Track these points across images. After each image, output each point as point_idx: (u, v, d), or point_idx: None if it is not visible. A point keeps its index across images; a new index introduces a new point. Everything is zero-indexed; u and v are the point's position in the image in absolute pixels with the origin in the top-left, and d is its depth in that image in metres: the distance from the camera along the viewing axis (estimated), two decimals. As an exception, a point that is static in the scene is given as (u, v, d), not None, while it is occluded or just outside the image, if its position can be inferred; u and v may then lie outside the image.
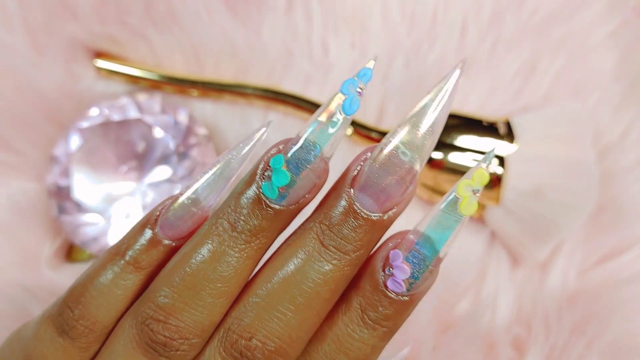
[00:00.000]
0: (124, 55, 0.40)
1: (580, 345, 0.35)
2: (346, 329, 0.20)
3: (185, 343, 0.20)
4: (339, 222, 0.20)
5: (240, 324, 0.20)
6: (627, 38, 0.41)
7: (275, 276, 0.20)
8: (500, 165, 0.36)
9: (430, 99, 0.20)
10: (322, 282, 0.20)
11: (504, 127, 0.37)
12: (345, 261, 0.20)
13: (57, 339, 0.21)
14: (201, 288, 0.20)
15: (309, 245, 0.20)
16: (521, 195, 0.36)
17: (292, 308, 0.20)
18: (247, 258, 0.20)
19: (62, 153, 0.37)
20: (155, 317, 0.20)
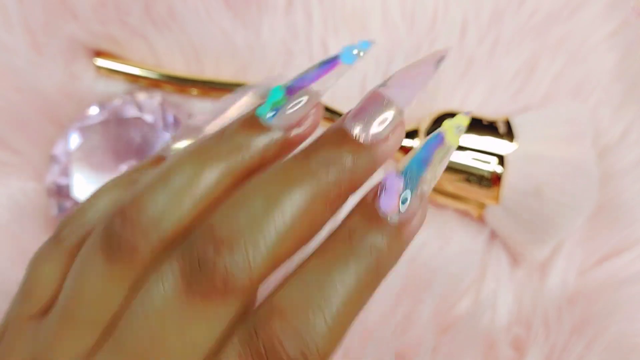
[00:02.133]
0: (123, 54, 0.40)
1: (580, 346, 0.35)
2: (332, 251, 0.19)
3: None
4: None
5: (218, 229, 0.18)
6: (627, 38, 0.41)
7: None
8: (500, 164, 0.36)
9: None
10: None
11: (503, 126, 0.37)
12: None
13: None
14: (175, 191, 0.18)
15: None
16: (521, 195, 0.36)
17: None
18: (227, 174, 0.19)
19: (62, 152, 0.37)
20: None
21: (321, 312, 0.17)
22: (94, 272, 0.18)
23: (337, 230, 0.20)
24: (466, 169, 0.37)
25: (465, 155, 0.37)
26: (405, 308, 0.37)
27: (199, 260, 0.17)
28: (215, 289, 0.17)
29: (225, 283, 0.17)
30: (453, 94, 0.41)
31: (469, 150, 0.37)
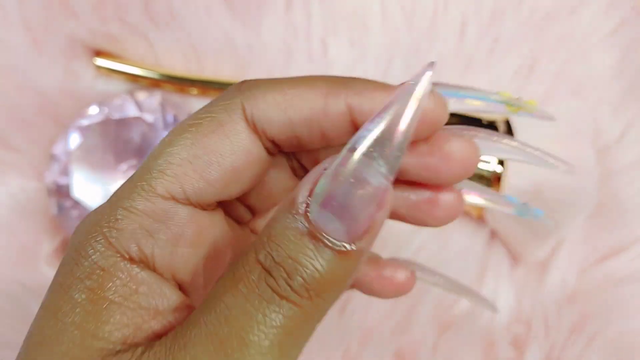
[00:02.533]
0: (123, 53, 0.40)
1: (580, 344, 0.35)
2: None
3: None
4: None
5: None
6: (627, 37, 0.41)
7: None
8: (499, 164, 0.36)
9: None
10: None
11: (503, 125, 0.37)
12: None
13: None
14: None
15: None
16: (521, 194, 0.36)
17: None
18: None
19: (62, 151, 0.37)
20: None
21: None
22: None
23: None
24: (466, 168, 0.37)
25: (465, 154, 0.37)
26: (404, 307, 0.37)
27: None
28: None
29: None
30: (453, 93, 0.41)
31: (469, 150, 0.37)
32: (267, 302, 0.16)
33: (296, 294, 0.16)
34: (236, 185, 0.20)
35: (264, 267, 0.16)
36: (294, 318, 0.16)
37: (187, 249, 0.19)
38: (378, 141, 0.16)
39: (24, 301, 0.36)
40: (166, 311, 0.18)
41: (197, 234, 0.20)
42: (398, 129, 0.16)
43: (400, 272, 0.22)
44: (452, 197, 0.21)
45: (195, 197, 0.19)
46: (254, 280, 0.16)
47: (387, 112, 0.17)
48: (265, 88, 0.19)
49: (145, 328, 0.18)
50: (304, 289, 0.16)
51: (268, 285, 0.16)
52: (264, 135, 0.19)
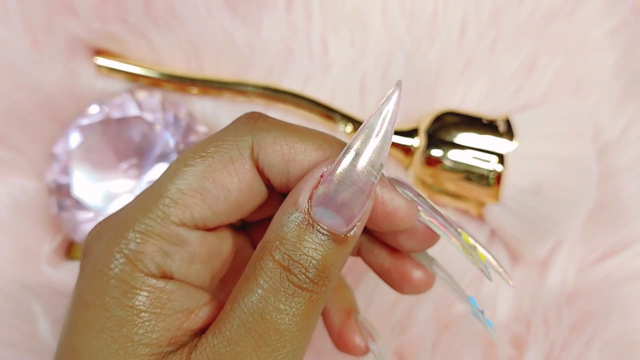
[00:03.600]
0: (124, 53, 0.40)
1: (580, 343, 0.35)
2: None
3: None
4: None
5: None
6: (627, 36, 0.41)
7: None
8: (499, 162, 0.36)
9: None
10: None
11: (503, 124, 0.37)
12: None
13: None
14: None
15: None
16: (520, 193, 0.36)
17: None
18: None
19: (62, 150, 0.37)
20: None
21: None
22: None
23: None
24: (466, 167, 0.37)
25: (465, 154, 0.37)
26: (404, 307, 0.37)
27: None
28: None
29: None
30: (452, 93, 0.41)
31: (469, 149, 0.37)
32: (292, 296, 0.19)
33: (313, 284, 0.20)
34: (238, 214, 0.23)
35: (283, 267, 0.19)
36: (311, 303, 0.20)
37: (200, 265, 0.22)
38: (364, 146, 0.20)
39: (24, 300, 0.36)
40: (198, 308, 0.21)
41: (208, 252, 0.22)
42: (377, 141, 0.20)
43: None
44: (421, 274, 0.25)
45: (202, 223, 0.22)
46: (277, 280, 0.19)
47: (367, 129, 0.20)
48: (276, 135, 0.21)
49: (184, 327, 0.21)
50: (318, 277, 0.20)
51: (291, 282, 0.19)
52: (262, 174, 0.22)
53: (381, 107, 0.20)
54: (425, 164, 0.37)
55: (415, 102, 0.40)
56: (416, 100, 0.40)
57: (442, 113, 0.38)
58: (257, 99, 0.40)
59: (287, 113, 0.40)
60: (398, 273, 0.25)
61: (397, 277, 0.25)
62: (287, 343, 0.19)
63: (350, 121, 0.39)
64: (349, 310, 0.27)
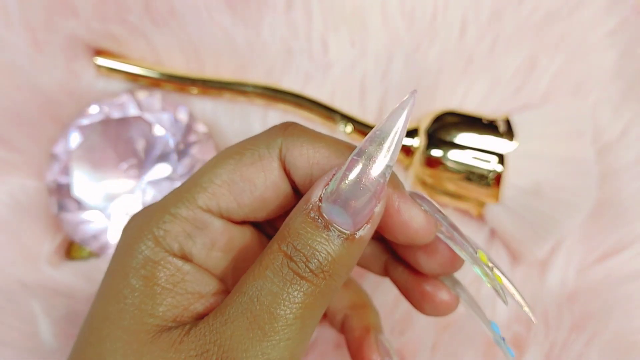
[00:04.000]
0: (124, 53, 0.40)
1: (580, 343, 0.35)
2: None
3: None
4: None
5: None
6: (627, 36, 0.41)
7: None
8: (499, 163, 0.36)
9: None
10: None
11: (503, 124, 0.37)
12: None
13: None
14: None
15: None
16: (521, 193, 0.36)
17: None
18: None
19: (62, 151, 0.37)
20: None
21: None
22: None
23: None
24: (466, 167, 0.37)
25: (465, 154, 0.37)
26: (404, 307, 0.37)
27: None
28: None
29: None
30: (453, 93, 0.41)
31: (469, 149, 0.37)
32: (290, 282, 0.20)
33: (313, 275, 0.20)
34: (263, 211, 0.23)
35: (286, 254, 0.20)
36: (311, 295, 0.20)
37: (219, 253, 0.23)
38: (374, 151, 0.20)
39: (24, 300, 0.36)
40: (208, 295, 0.22)
41: (229, 242, 0.23)
42: (389, 141, 0.20)
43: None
44: (444, 295, 0.25)
45: (227, 213, 0.23)
46: (278, 265, 0.20)
47: (381, 130, 0.21)
48: (304, 140, 0.22)
49: (191, 309, 0.22)
50: (320, 270, 0.20)
51: (290, 268, 0.20)
52: (289, 175, 0.23)
53: (396, 113, 0.21)
54: (425, 164, 0.37)
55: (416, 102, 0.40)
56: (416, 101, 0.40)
57: (442, 113, 0.38)
58: (257, 99, 0.40)
59: (287, 113, 0.40)
60: (420, 292, 0.25)
61: (419, 296, 0.26)
62: (279, 330, 0.20)
63: (350, 121, 0.39)
64: (370, 328, 0.27)
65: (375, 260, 0.28)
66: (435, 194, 0.39)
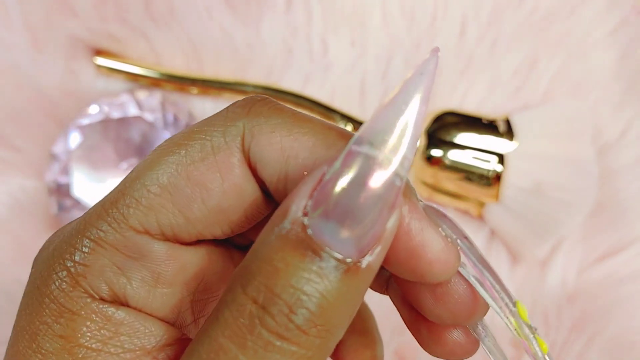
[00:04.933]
0: (123, 52, 0.40)
1: (580, 343, 0.35)
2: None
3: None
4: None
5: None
6: (627, 36, 0.41)
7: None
8: (499, 162, 0.36)
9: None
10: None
11: (503, 124, 0.37)
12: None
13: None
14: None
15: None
16: (521, 193, 0.36)
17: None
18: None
19: (62, 150, 0.37)
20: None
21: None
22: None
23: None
24: (466, 167, 0.37)
25: (465, 154, 0.37)
26: (405, 306, 0.37)
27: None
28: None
29: None
30: (453, 93, 0.41)
31: (469, 149, 0.37)
32: (265, 350, 0.13)
33: (302, 333, 0.13)
34: (222, 225, 0.17)
35: (256, 303, 0.13)
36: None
37: (167, 288, 0.17)
38: (387, 135, 0.14)
39: (24, 300, 0.36)
40: (156, 349, 0.16)
41: (179, 272, 0.17)
42: (406, 124, 0.14)
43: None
44: (459, 337, 0.18)
45: (171, 233, 0.16)
46: (245, 324, 0.13)
47: (393, 108, 0.14)
48: (276, 122, 0.16)
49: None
50: (311, 324, 0.13)
51: (265, 328, 0.13)
52: (255, 173, 0.16)
53: (413, 81, 0.14)
54: (425, 164, 0.37)
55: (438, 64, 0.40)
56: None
57: (442, 113, 0.38)
58: (257, 99, 0.40)
59: (287, 113, 0.40)
60: (427, 328, 0.18)
61: (425, 332, 0.18)
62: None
63: (350, 121, 0.39)
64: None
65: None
66: (435, 193, 0.39)
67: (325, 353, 0.14)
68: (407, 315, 0.19)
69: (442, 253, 0.15)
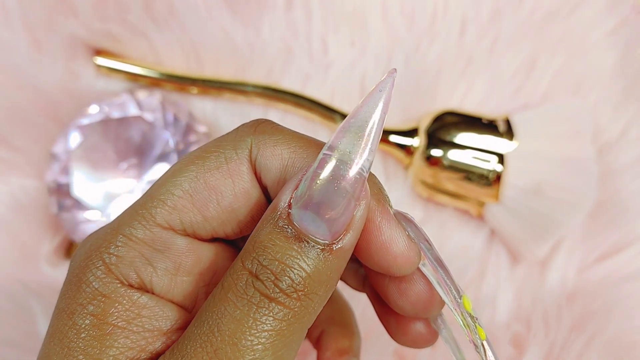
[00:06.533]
0: (123, 52, 0.40)
1: (580, 343, 0.35)
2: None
3: None
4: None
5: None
6: (627, 36, 0.41)
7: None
8: (499, 162, 0.36)
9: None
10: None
11: (503, 124, 0.37)
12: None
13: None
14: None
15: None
16: (521, 193, 0.36)
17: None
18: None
19: (62, 150, 0.37)
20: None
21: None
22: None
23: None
24: (466, 167, 0.37)
25: (465, 153, 0.37)
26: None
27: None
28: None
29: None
30: (453, 93, 0.41)
31: (469, 149, 0.37)
32: (257, 306, 0.17)
33: (285, 295, 0.17)
34: (233, 224, 0.20)
35: (251, 272, 0.17)
36: (284, 320, 0.17)
37: (186, 277, 0.20)
38: (351, 142, 0.18)
39: (24, 300, 0.36)
40: (170, 331, 0.19)
41: (196, 263, 0.20)
42: (367, 131, 0.18)
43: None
44: (420, 328, 0.22)
45: (191, 229, 0.19)
46: (241, 286, 0.17)
47: (357, 119, 0.18)
48: (277, 138, 0.19)
49: (149, 349, 0.18)
50: (292, 289, 0.17)
51: (256, 289, 0.17)
52: (260, 180, 0.20)
53: (373, 97, 0.18)
54: (425, 163, 0.37)
55: (415, 102, 0.40)
56: (416, 100, 0.40)
57: (442, 113, 0.38)
58: (257, 99, 0.40)
59: (287, 113, 0.40)
60: (395, 319, 0.23)
61: (394, 323, 0.23)
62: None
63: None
64: (344, 351, 0.25)
65: (351, 271, 0.25)
66: (435, 193, 0.39)
67: (307, 315, 0.17)
68: (379, 309, 0.23)
69: (405, 249, 0.19)
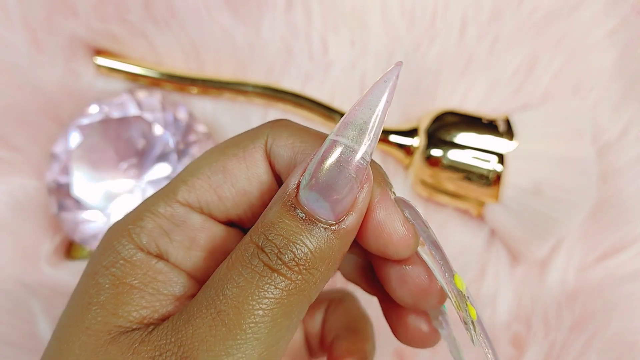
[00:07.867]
0: (123, 52, 0.40)
1: (580, 343, 0.35)
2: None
3: None
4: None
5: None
6: (626, 36, 0.41)
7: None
8: (499, 162, 0.36)
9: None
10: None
11: (503, 124, 0.37)
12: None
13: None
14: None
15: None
16: (521, 193, 0.36)
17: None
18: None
19: (62, 150, 0.37)
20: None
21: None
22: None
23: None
24: (466, 167, 0.37)
25: (465, 153, 0.37)
26: (405, 306, 0.37)
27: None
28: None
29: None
30: (453, 93, 0.41)
31: (469, 149, 0.37)
32: (260, 275, 0.18)
33: (287, 267, 0.18)
34: (246, 208, 0.22)
35: (257, 245, 0.18)
36: (285, 290, 0.18)
37: (200, 252, 0.21)
38: (356, 130, 0.19)
39: (24, 300, 0.36)
40: (182, 297, 0.20)
41: (210, 240, 0.22)
42: (372, 120, 0.19)
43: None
44: (422, 326, 0.23)
45: (207, 208, 0.21)
46: (247, 257, 0.18)
47: (362, 107, 0.19)
48: (292, 131, 0.21)
49: (162, 311, 0.20)
50: (294, 262, 0.18)
51: (261, 260, 0.18)
52: (273, 168, 0.21)
53: (378, 87, 0.19)
54: (425, 163, 0.37)
55: (415, 102, 0.40)
56: (416, 100, 0.40)
57: (442, 113, 0.38)
58: (257, 99, 0.40)
59: (287, 113, 0.40)
60: (397, 316, 0.23)
61: (395, 319, 0.23)
62: (246, 327, 0.17)
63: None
64: (353, 352, 0.25)
65: (349, 262, 0.26)
66: (435, 193, 0.39)
67: (308, 289, 0.19)
68: (383, 304, 0.24)
69: (402, 231, 0.20)
